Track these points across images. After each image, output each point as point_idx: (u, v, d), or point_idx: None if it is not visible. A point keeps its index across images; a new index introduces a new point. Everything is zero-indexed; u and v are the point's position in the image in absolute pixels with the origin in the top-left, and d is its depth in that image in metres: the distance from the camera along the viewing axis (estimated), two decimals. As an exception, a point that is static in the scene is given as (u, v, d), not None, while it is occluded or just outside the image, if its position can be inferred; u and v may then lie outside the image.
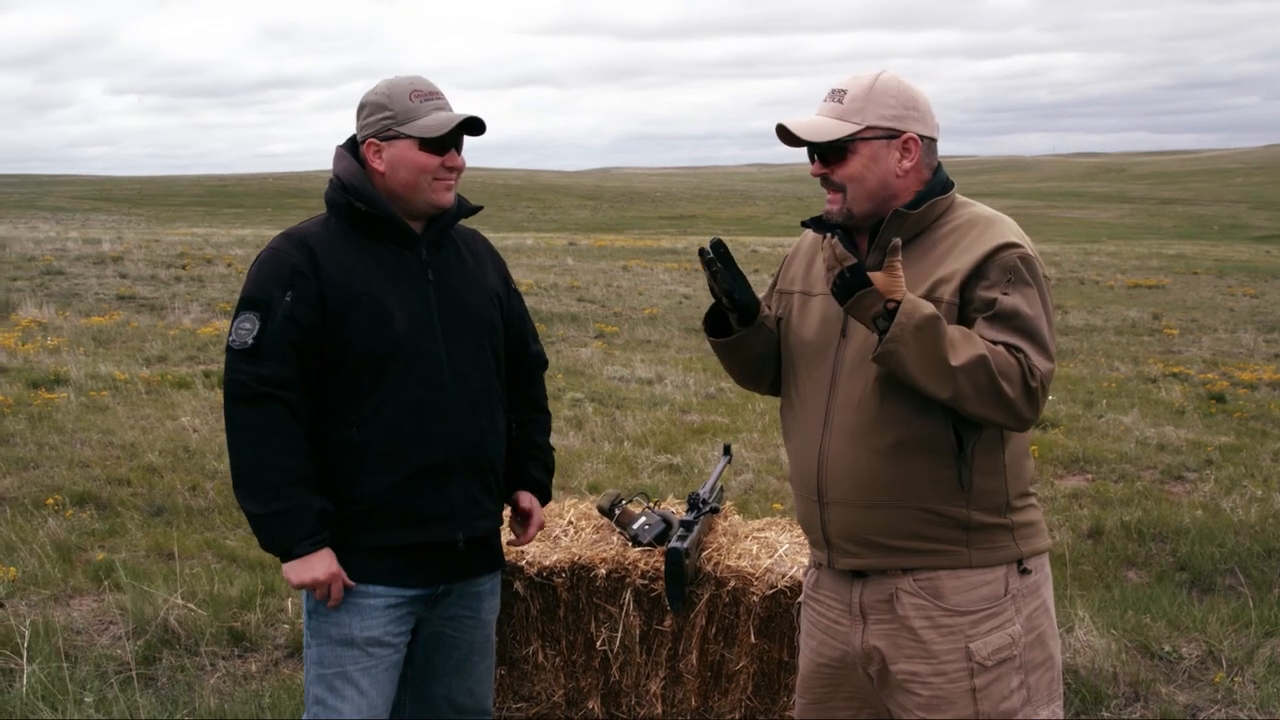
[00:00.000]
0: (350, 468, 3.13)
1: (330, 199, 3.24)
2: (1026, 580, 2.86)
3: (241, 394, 3.06)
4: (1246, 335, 21.40)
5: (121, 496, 7.98)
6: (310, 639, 3.21)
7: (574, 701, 4.01)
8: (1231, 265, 40.94)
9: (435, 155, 3.16)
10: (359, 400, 3.12)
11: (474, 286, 3.32)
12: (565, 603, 3.94)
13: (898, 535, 2.82)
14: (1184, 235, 67.31)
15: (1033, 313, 2.71)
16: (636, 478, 8.76)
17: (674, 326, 19.89)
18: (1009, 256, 2.74)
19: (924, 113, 2.87)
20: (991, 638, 2.81)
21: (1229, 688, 5.08)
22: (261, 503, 3.04)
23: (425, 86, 3.20)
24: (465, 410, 3.20)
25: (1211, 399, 13.36)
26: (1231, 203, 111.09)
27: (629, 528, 3.99)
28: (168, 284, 23.28)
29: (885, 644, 2.87)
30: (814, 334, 2.96)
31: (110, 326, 16.55)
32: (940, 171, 2.93)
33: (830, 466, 2.87)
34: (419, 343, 3.15)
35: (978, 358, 2.59)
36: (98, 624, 5.65)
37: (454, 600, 3.31)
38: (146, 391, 11.59)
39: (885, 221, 2.83)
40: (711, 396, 12.74)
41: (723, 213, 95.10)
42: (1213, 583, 6.82)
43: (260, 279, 3.13)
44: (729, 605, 3.81)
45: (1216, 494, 8.81)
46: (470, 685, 3.40)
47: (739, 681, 3.84)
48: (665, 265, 34.06)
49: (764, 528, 4.16)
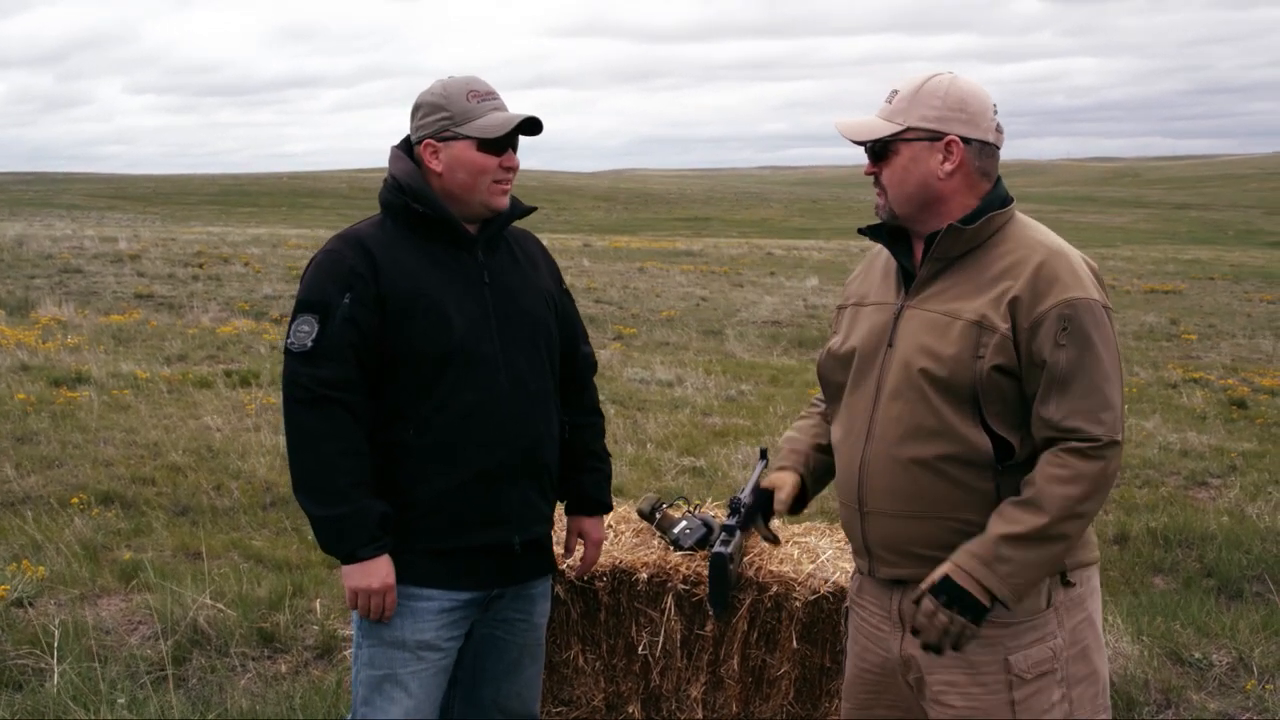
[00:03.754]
0: (408, 470, 3.12)
1: (386, 200, 3.22)
2: (1070, 593, 2.82)
3: (302, 397, 3.05)
4: (1265, 341, 21.33)
5: (146, 496, 7.99)
6: (361, 639, 3.20)
7: (614, 706, 3.99)
8: (1247, 270, 40.78)
9: (494, 156, 3.15)
10: (417, 403, 3.11)
11: (529, 288, 3.31)
12: (606, 607, 3.92)
13: (936, 547, 2.80)
14: (1199, 240, 67.13)
15: (1096, 374, 2.70)
16: (660, 480, 8.74)
17: (692, 328, 19.88)
18: (1064, 308, 2.71)
19: (974, 115, 2.82)
20: (1032, 650, 2.78)
21: (1260, 695, 5.07)
22: (323, 505, 3.04)
23: (482, 87, 3.19)
24: (522, 413, 3.19)
25: (1233, 405, 13.31)
26: (1246, 208, 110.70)
27: (670, 532, 3.98)
28: (185, 283, 23.33)
29: (922, 653, 2.84)
30: (862, 343, 2.94)
31: (130, 325, 16.58)
32: (1000, 185, 2.89)
33: (871, 476, 2.87)
34: (477, 345, 3.14)
35: (1053, 518, 2.66)
36: (127, 624, 5.65)
37: (507, 603, 3.31)
38: (168, 390, 11.61)
39: (940, 236, 2.81)
40: (732, 399, 12.72)
41: (737, 215, 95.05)
42: (1240, 589, 6.78)
43: (318, 281, 3.12)
44: (771, 610, 3.79)
45: (1241, 500, 8.76)
46: (519, 689, 3.40)
47: (780, 687, 3.82)
48: (681, 267, 34.05)
49: (805, 532, 4.14)
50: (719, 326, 20.33)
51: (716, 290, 27.62)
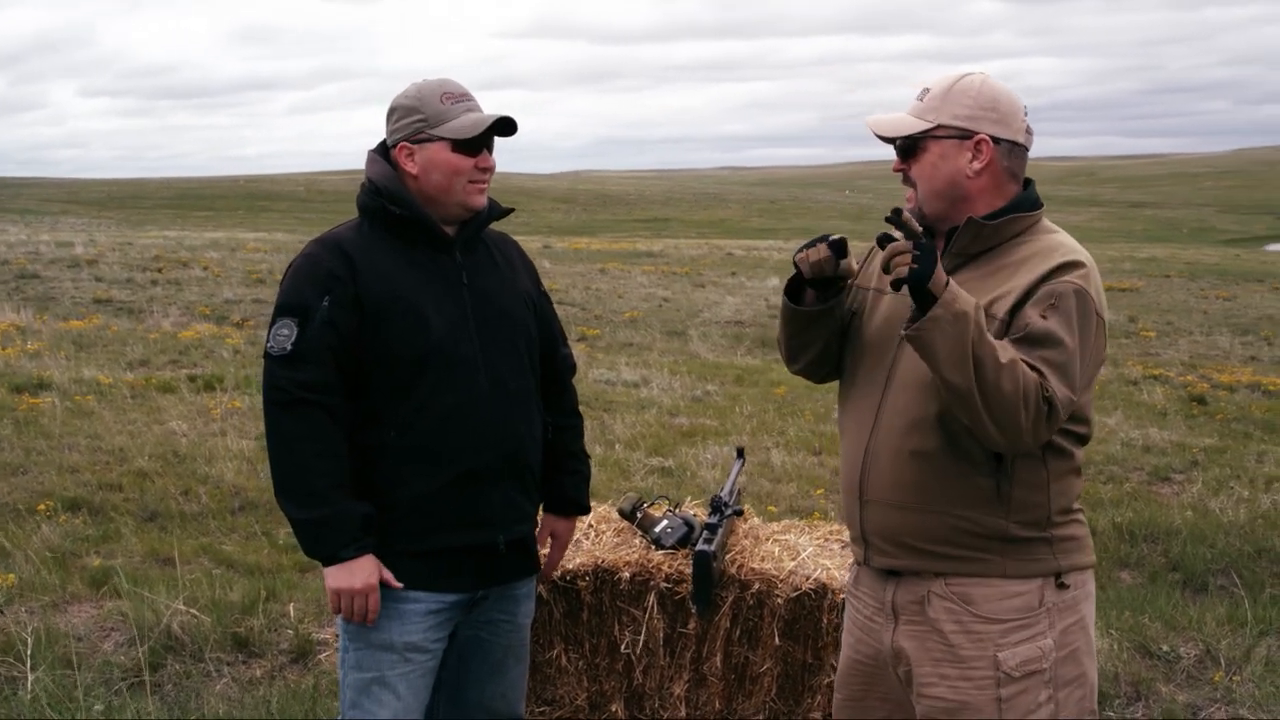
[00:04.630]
0: (390, 472, 3.13)
1: (363, 203, 3.22)
2: (1064, 595, 2.84)
3: (281, 399, 3.05)
4: (1222, 338, 21.56)
5: (114, 502, 7.93)
6: (348, 642, 3.20)
7: (597, 705, 4.01)
8: (1202, 268, 41.19)
9: (469, 156, 3.16)
10: (398, 404, 3.12)
11: (508, 289, 3.33)
12: (589, 606, 3.94)
13: (932, 540, 2.82)
14: (1154, 238, 67.76)
15: (1065, 342, 2.68)
16: (629, 481, 8.76)
17: (655, 329, 19.91)
18: (1061, 284, 2.72)
19: (1005, 116, 2.85)
20: (1020, 649, 2.79)
21: (1228, 687, 5.13)
22: (304, 508, 3.04)
23: (456, 89, 3.20)
24: (503, 414, 3.20)
25: (1193, 401, 13.45)
26: (1200, 206, 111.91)
27: (651, 531, 4.00)
28: (144, 287, 23.15)
29: (912, 645, 2.87)
30: (876, 332, 2.96)
31: (90, 330, 16.44)
32: (1031, 189, 2.92)
33: (873, 465, 2.88)
34: (456, 347, 3.15)
35: (1008, 361, 2.58)
36: (99, 631, 5.61)
37: (491, 605, 3.32)
38: (131, 396, 11.51)
39: (959, 229, 2.84)
40: (699, 399, 12.75)
41: (696, 215, 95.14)
42: (1205, 583, 6.86)
43: (296, 285, 3.12)
44: (753, 608, 3.82)
45: (1204, 495, 8.86)
46: (504, 690, 3.41)
47: (763, 684, 3.85)
48: (642, 268, 34.06)
49: (784, 530, 4.17)
50: (682, 327, 20.36)
51: (678, 291, 27.66)
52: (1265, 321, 24.90)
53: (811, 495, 8.51)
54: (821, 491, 8.60)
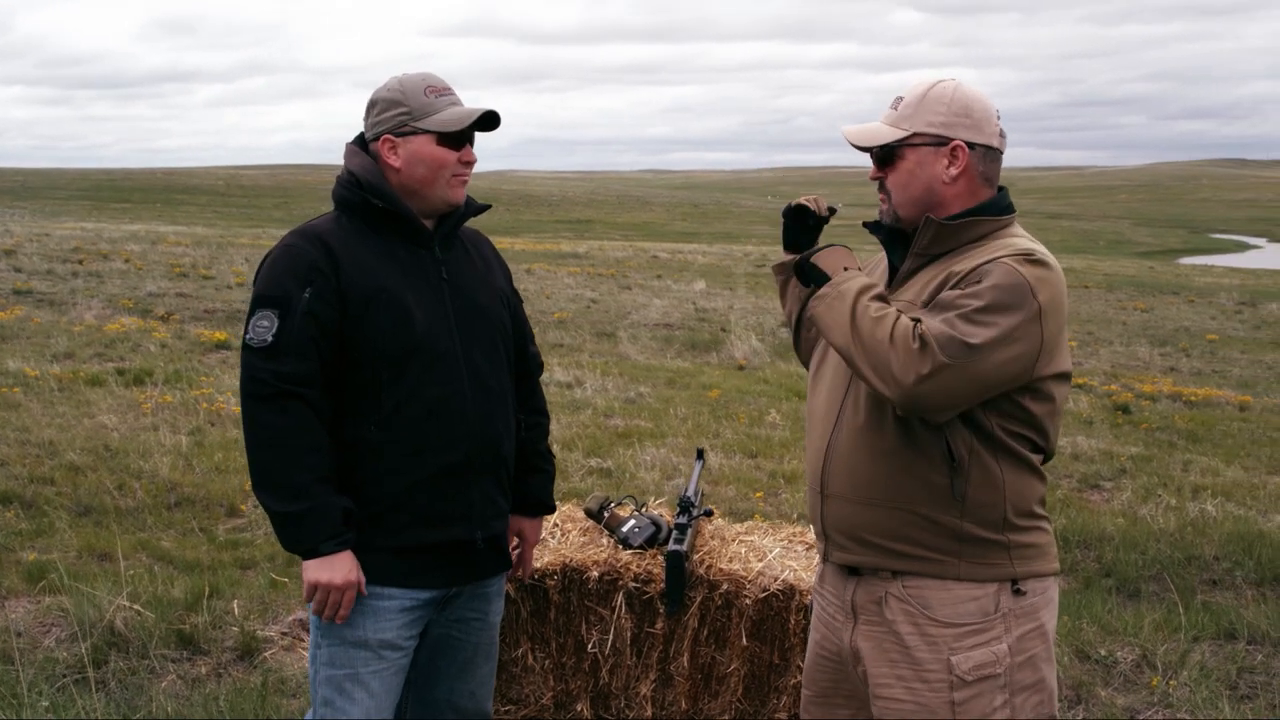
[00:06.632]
0: (370, 467, 3.10)
1: (343, 196, 3.20)
2: (1021, 601, 2.85)
3: (261, 392, 3.01)
4: (1142, 348, 21.96)
5: (46, 495, 7.78)
6: (320, 639, 3.17)
7: (563, 704, 4.00)
8: (1120, 280, 41.88)
9: (453, 150, 3.15)
10: (379, 399, 3.09)
11: (485, 286, 3.32)
12: (556, 605, 3.93)
13: (889, 536, 2.84)
14: (1071, 250, 68.68)
15: (965, 304, 2.67)
16: (568, 482, 8.75)
17: (585, 330, 19.88)
18: (990, 264, 2.73)
19: (978, 121, 2.89)
20: (974, 653, 2.81)
21: (1165, 691, 5.23)
22: (285, 502, 3.00)
23: (438, 83, 3.19)
24: (484, 410, 3.20)
25: (1118, 410, 13.69)
26: (1116, 219, 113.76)
27: (618, 530, 4.00)
28: (65, 279, 22.71)
29: (868, 646, 2.90)
30: None
31: (11, 322, 16.11)
32: (1003, 195, 2.95)
33: (834, 460, 2.91)
34: (438, 341, 3.14)
35: (881, 315, 2.69)
36: (39, 626, 5.51)
37: (463, 602, 3.31)
38: (59, 389, 11.31)
39: (918, 229, 2.88)
40: (632, 401, 12.76)
41: (619, 217, 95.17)
42: (1139, 589, 6.99)
43: (275, 275, 3.08)
44: (721, 608, 3.84)
45: (1134, 502, 9.04)
46: (473, 688, 3.40)
47: (729, 684, 3.87)
48: (569, 269, 34.01)
49: (749, 531, 4.19)
50: (611, 329, 20.35)
51: (605, 292, 27.65)
52: (1182, 333, 25.43)
53: (750, 498, 8.56)
54: (760, 495, 8.64)
